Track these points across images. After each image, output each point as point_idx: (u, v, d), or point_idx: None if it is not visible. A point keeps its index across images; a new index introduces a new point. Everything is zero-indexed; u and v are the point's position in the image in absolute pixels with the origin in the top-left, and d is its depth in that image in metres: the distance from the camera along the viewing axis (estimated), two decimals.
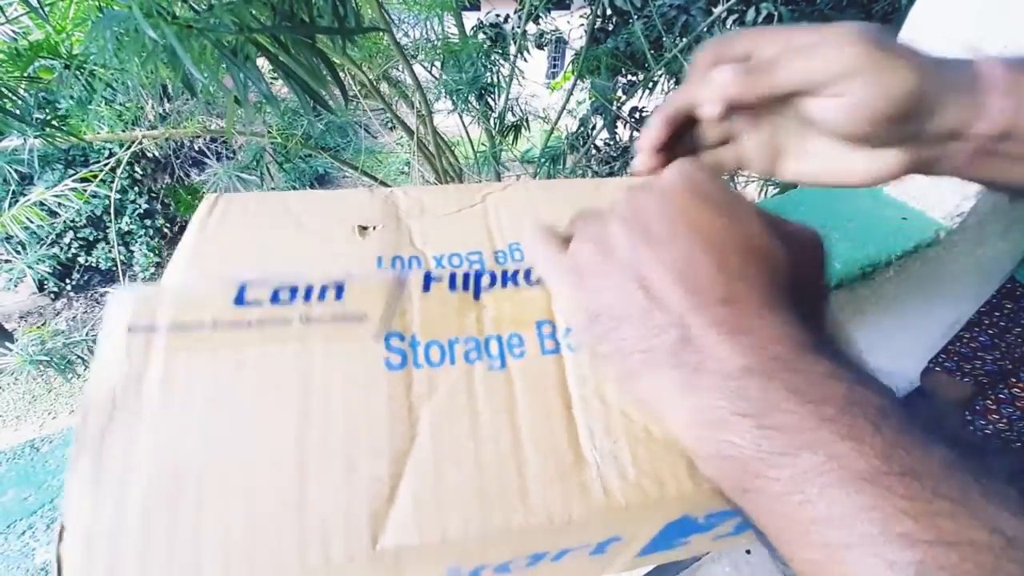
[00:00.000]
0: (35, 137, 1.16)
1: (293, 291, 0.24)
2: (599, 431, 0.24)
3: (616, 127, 2.18)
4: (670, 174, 0.24)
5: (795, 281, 0.22)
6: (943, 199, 0.71)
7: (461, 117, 1.95)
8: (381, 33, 1.57)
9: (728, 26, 1.85)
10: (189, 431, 0.22)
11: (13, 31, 1.23)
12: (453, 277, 0.26)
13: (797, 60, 0.26)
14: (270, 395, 0.23)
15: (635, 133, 2.11)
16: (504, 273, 0.27)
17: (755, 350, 0.19)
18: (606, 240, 0.23)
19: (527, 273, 0.27)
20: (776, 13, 1.78)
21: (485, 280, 0.26)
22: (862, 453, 0.16)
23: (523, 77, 1.93)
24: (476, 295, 0.26)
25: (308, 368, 0.24)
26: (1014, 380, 1.10)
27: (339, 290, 0.25)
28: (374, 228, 0.29)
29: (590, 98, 2.01)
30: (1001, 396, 1.11)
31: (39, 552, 0.22)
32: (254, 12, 0.54)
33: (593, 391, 0.25)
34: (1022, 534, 0.15)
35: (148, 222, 3.82)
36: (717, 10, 1.74)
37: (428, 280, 0.26)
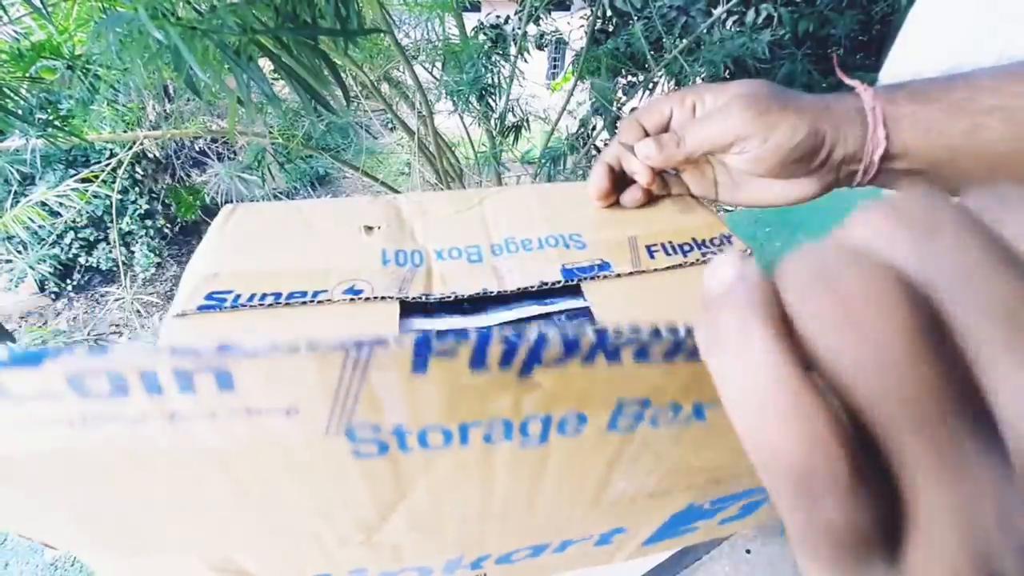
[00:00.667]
0: (37, 137, 1.16)
1: (118, 381, 0.13)
2: (639, 473, 0.21)
3: (616, 128, 2.18)
4: None
5: None
6: None
7: (462, 118, 1.95)
8: (383, 34, 1.57)
9: (728, 27, 1.86)
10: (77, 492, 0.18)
11: (15, 31, 1.24)
12: (483, 345, 0.13)
13: (701, 131, 0.32)
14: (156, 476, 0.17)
15: None
16: (601, 340, 0.13)
17: None
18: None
19: (644, 345, 0.14)
20: (776, 14, 1.78)
21: (550, 353, 0.13)
22: None
23: (523, 78, 1.93)
24: (525, 370, 0.14)
25: (223, 459, 0.16)
26: None
27: (222, 380, 0.13)
28: (379, 227, 0.32)
29: (590, 99, 2.01)
30: None
31: (47, 549, 0.22)
32: (257, 13, 0.55)
33: (654, 454, 0.19)
34: None
35: (149, 222, 3.82)
36: (717, 11, 1.74)
37: (425, 350, 0.13)
